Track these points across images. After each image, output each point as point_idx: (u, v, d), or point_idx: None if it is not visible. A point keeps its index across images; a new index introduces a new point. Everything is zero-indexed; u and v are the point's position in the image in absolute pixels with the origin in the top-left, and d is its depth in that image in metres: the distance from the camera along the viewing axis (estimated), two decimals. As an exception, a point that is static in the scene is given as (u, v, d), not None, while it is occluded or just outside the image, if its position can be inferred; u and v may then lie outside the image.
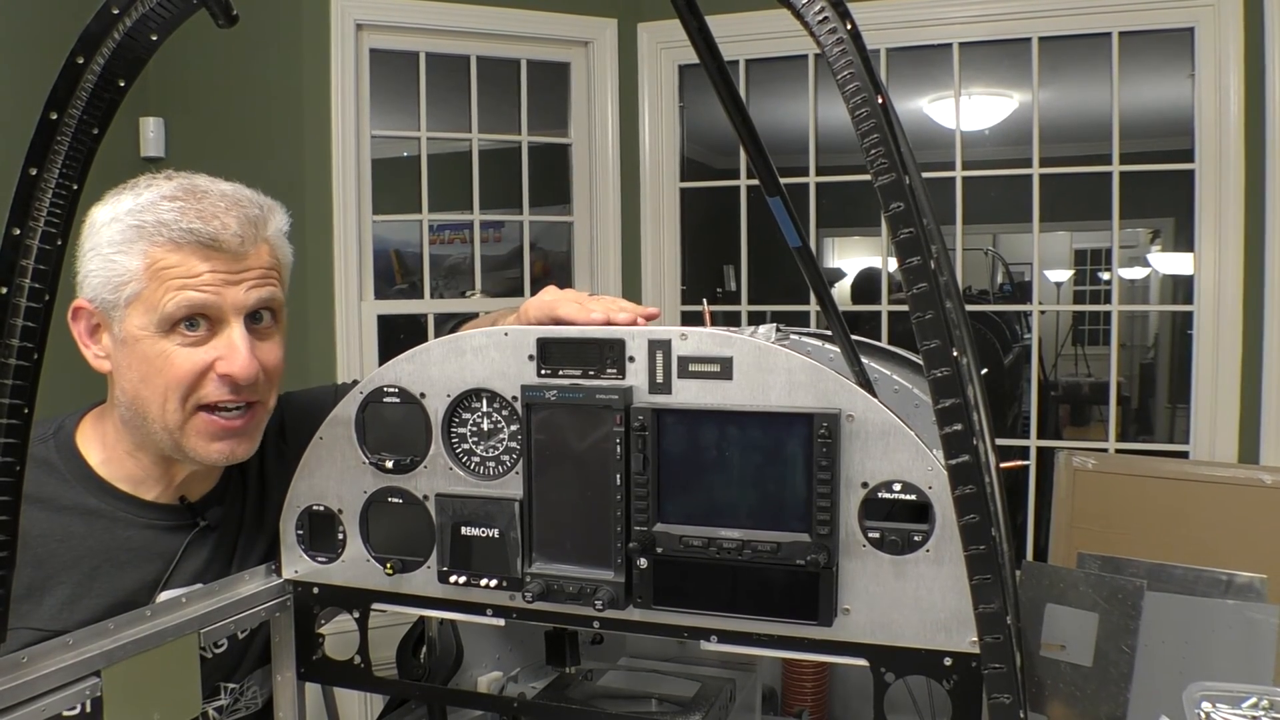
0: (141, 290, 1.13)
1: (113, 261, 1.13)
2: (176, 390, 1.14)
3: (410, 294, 3.67)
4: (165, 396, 1.15)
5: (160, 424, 1.16)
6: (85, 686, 0.93)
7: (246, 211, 1.17)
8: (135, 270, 1.12)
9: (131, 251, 1.12)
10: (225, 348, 1.15)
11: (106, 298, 1.14)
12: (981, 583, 0.77)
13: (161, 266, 1.12)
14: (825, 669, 1.45)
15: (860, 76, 0.71)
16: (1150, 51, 3.07)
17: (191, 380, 1.14)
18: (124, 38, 0.72)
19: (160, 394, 1.15)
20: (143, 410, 1.17)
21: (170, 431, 1.16)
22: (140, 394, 1.16)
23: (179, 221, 1.11)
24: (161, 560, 1.22)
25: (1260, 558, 2.12)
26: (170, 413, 1.15)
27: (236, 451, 1.20)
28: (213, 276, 1.13)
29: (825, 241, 7.50)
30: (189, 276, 1.12)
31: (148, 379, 1.15)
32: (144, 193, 1.16)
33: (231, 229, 1.13)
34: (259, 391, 1.19)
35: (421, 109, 3.14)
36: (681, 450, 1.00)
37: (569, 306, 1.10)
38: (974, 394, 0.79)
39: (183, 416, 1.16)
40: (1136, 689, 1.87)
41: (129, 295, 1.13)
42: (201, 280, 1.13)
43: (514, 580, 1.05)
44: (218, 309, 1.14)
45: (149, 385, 1.15)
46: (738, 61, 3.20)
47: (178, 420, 1.16)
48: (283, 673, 1.19)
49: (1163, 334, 6.42)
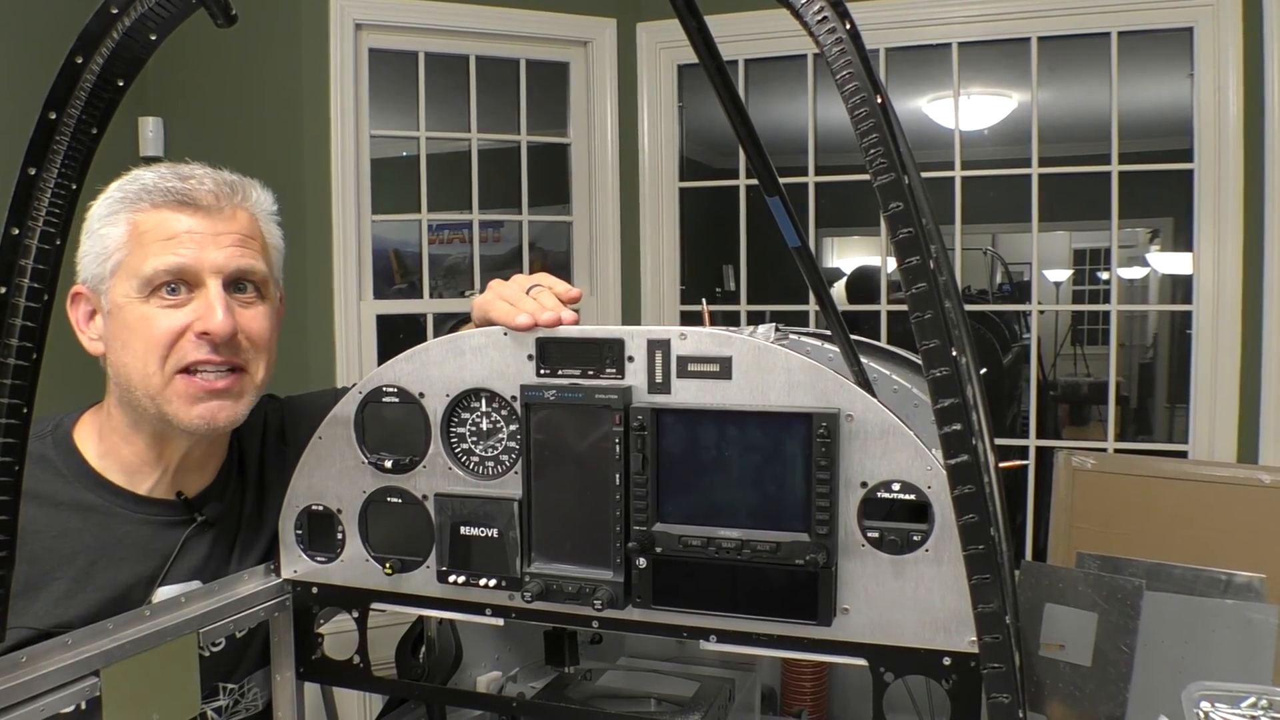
0: (125, 258, 1.16)
1: (100, 235, 1.18)
2: (156, 351, 1.16)
3: (409, 294, 3.67)
4: (146, 359, 1.16)
5: (143, 389, 1.17)
6: (84, 686, 0.93)
7: (224, 177, 1.23)
8: (119, 238, 1.17)
9: (116, 222, 1.17)
10: (203, 307, 1.17)
11: (96, 271, 1.18)
12: (980, 582, 0.77)
13: (142, 230, 1.16)
14: (824, 669, 1.45)
15: (859, 76, 0.71)
16: (1149, 51, 3.07)
17: (170, 340, 1.16)
18: (123, 37, 0.72)
19: (141, 358, 1.16)
20: (127, 378, 1.18)
21: (153, 397, 1.17)
22: (124, 360, 1.18)
23: (158, 184, 1.18)
24: (158, 556, 1.22)
25: (1259, 557, 2.12)
26: (151, 375, 1.16)
27: (218, 417, 1.19)
28: (189, 236, 1.17)
29: (824, 241, 7.50)
30: (167, 237, 1.16)
31: (129, 344, 1.17)
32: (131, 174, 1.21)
33: (207, 186, 1.20)
34: (241, 354, 1.20)
35: (420, 109, 3.14)
36: (681, 450, 0.99)
37: (499, 308, 1.09)
38: (973, 394, 0.79)
39: (163, 379, 1.17)
40: (1135, 689, 1.88)
41: (114, 265, 1.17)
42: (179, 241, 1.16)
43: (513, 580, 1.05)
44: (195, 272, 1.17)
45: (130, 350, 1.17)
46: (737, 61, 3.20)
47: (159, 383, 1.17)
48: (282, 672, 1.19)
49: (1162, 334, 6.43)
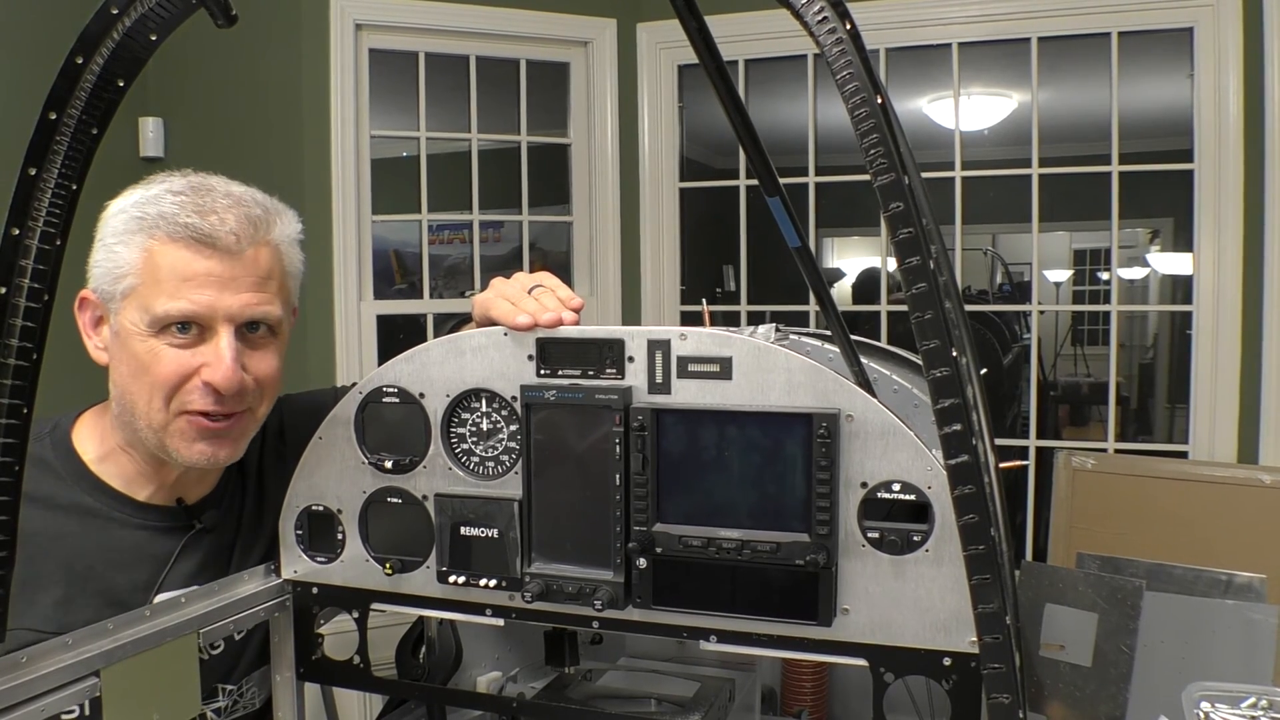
0: (137, 286, 1.13)
1: (114, 252, 1.14)
2: (161, 390, 1.15)
3: (409, 294, 3.67)
4: (150, 395, 1.15)
5: (145, 421, 1.17)
6: (84, 686, 0.92)
7: (248, 211, 1.16)
8: (133, 263, 1.13)
9: (131, 244, 1.13)
10: (212, 355, 1.14)
11: (106, 289, 1.16)
12: (981, 582, 0.77)
13: (157, 262, 1.12)
14: (825, 669, 1.45)
15: (859, 76, 0.71)
16: (1149, 51, 3.07)
17: (175, 382, 1.14)
18: (123, 38, 0.72)
19: (146, 392, 1.15)
20: (130, 405, 1.17)
21: (155, 430, 1.17)
22: (129, 389, 1.17)
23: (177, 215, 1.12)
24: (155, 563, 1.21)
25: (1259, 558, 2.12)
26: (155, 411, 1.15)
27: (219, 455, 1.19)
28: (206, 279, 1.12)
29: (825, 241, 7.50)
30: (183, 279, 1.12)
31: (136, 375, 1.15)
32: (154, 187, 1.17)
33: (229, 225, 1.13)
34: (246, 401, 1.18)
35: (421, 109, 3.14)
36: (681, 450, 0.99)
37: (500, 307, 1.07)
38: (973, 394, 0.79)
39: (166, 417, 1.16)
40: (1136, 689, 1.88)
41: (125, 289, 1.14)
42: (194, 284, 1.12)
43: (513, 580, 1.05)
44: (208, 318, 1.14)
45: (137, 382, 1.16)
46: (737, 61, 3.20)
47: (161, 420, 1.16)
48: (282, 673, 1.19)
49: (1162, 334, 6.43)
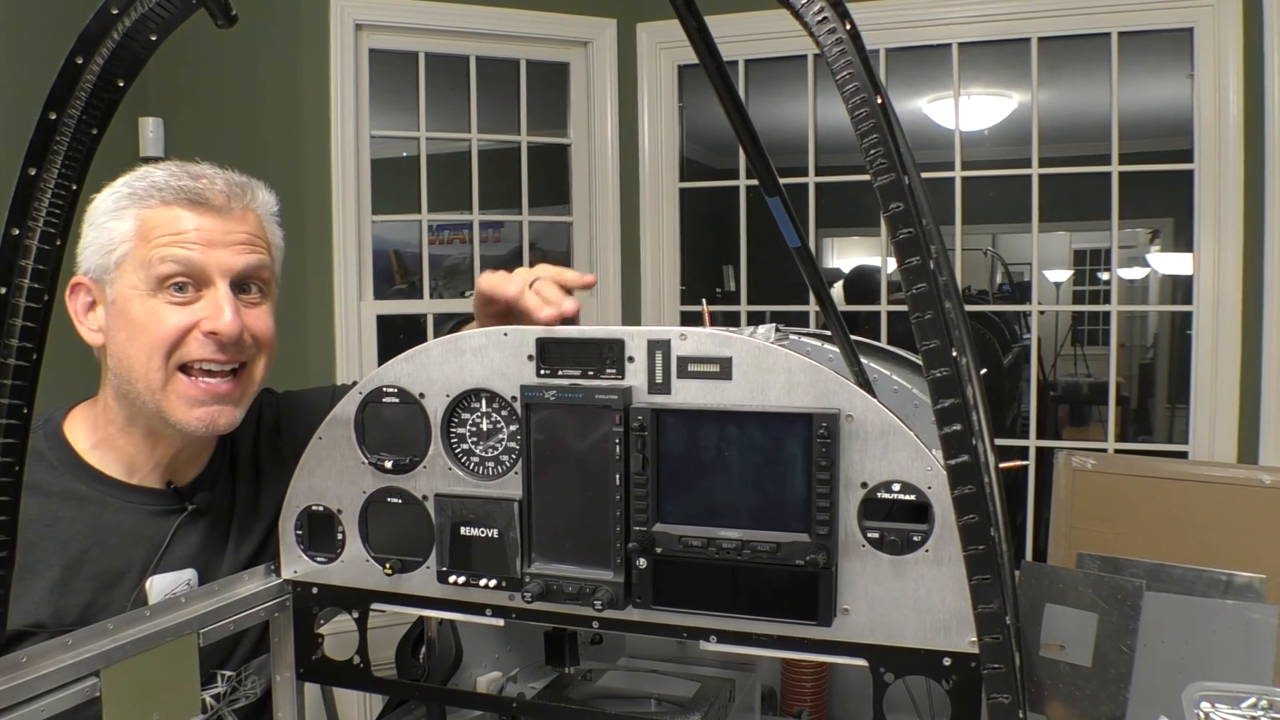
0: (131, 250, 1.16)
1: (106, 229, 1.18)
2: (161, 347, 1.16)
3: (409, 294, 3.67)
4: (150, 354, 1.16)
5: (144, 384, 1.17)
6: (84, 686, 0.92)
7: (233, 177, 1.24)
8: (126, 232, 1.17)
9: (124, 217, 1.17)
10: (210, 307, 1.17)
11: (99, 263, 1.18)
12: (981, 583, 0.77)
13: (150, 225, 1.16)
14: (825, 669, 1.45)
15: (859, 77, 0.71)
16: (1149, 52, 3.07)
17: (176, 337, 1.16)
18: (123, 38, 0.72)
19: (145, 351, 1.16)
20: (128, 371, 1.18)
21: (153, 392, 1.18)
22: (127, 353, 1.18)
23: (169, 181, 1.18)
24: (150, 544, 1.22)
25: (1259, 558, 2.12)
26: (154, 371, 1.17)
27: (218, 421, 1.20)
28: (199, 234, 1.17)
29: (825, 242, 7.51)
30: (176, 233, 1.16)
31: (134, 337, 1.17)
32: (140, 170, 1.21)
33: (218, 186, 1.20)
34: (246, 353, 1.21)
35: (421, 109, 3.14)
36: (681, 450, 0.99)
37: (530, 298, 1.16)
38: (973, 394, 0.79)
39: (165, 376, 1.17)
40: (1136, 689, 1.88)
41: (119, 256, 1.17)
42: (188, 238, 1.16)
43: (513, 580, 1.05)
44: (203, 270, 1.17)
45: (135, 344, 1.17)
46: (737, 61, 3.20)
47: (160, 379, 1.17)
48: (282, 673, 1.19)
49: (1162, 334, 6.43)
